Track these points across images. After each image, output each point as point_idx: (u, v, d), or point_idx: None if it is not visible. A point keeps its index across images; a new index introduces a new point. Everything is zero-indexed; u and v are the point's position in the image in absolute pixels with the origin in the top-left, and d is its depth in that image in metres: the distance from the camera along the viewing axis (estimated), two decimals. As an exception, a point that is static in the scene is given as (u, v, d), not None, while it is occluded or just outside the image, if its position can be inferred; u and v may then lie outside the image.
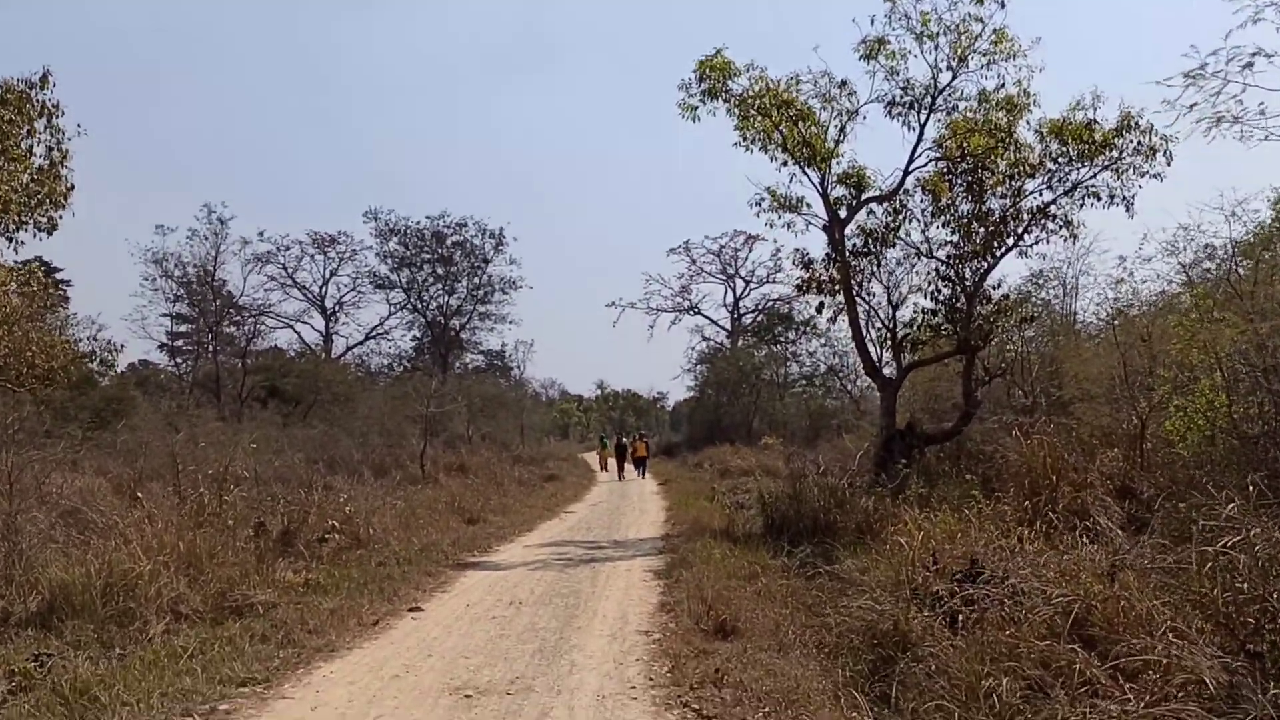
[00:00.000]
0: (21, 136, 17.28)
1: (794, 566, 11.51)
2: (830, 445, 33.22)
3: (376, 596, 10.81)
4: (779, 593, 9.93)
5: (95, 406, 36.28)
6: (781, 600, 9.61)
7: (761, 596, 9.76)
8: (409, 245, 50.57)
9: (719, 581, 10.44)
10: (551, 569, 13.13)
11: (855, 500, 14.23)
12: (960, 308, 17.14)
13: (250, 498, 16.78)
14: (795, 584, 10.38)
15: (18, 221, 17.74)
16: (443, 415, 37.22)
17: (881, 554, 11.23)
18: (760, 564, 11.63)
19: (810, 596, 9.79)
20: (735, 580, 10.65)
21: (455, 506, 19.83)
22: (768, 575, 10.80)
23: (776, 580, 10.49)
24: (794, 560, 12.01)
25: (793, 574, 11.25)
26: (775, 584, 10.28)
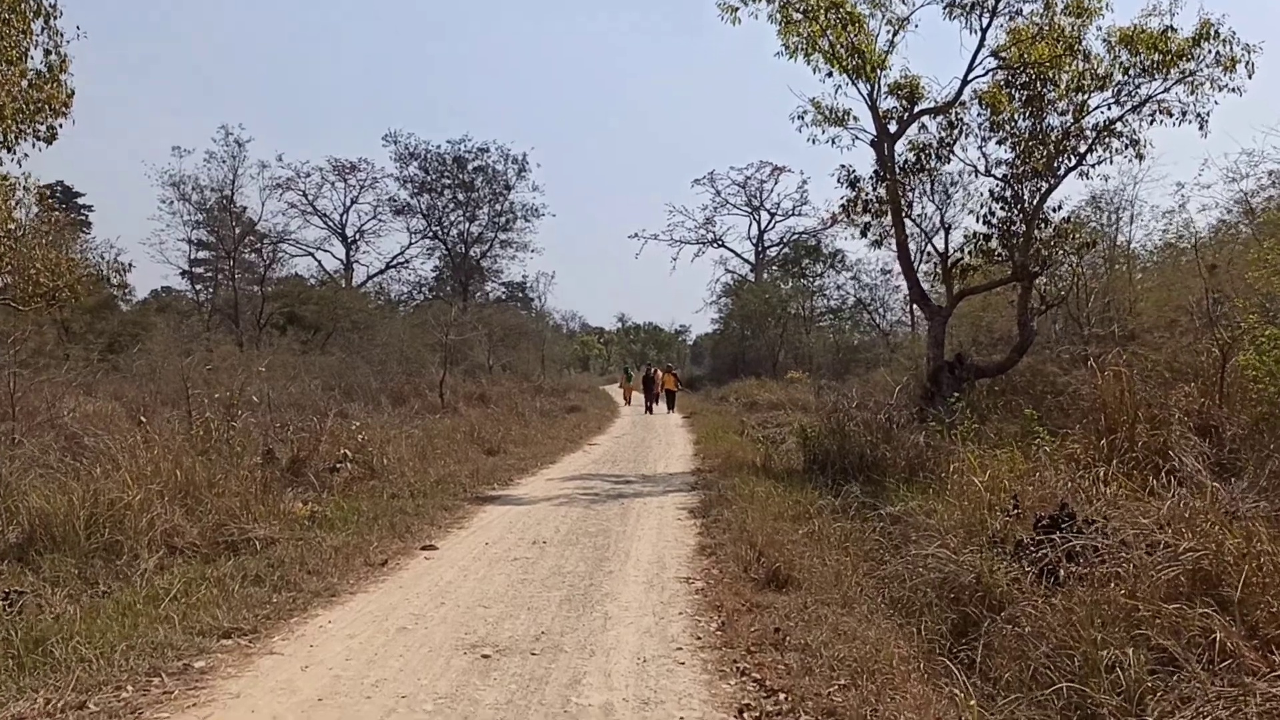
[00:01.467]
0: (17, 38, 16.12)
1: (844, 507, 10.41)
2: (861, 380, 32.10)
3: (387, 533, 9.81)
4: (833, 537, 8.84)
5: (114, 331, 35.72)
6: (837, 546, 8.51)
7: (814, 541, 8.67)
8: (429, 170, 49.05)
9: (765, 523, 9.36)
10: (577, 505, 12.11)
11: (904, 435, 13.13)
12: (1017, 231, 15.83)
13: (262, 424, 15.96)
14: (849, 527, 9.27)
15: (17, 130, 16.64)
16: (463, 344, 36.22)
17: (942, 494, 10.18)
18: (808, 503, 10.54)
19: (869, 542, 8.69)
20: (782, 522, 9.56)
21: (474, 437, 18.83)
22: (818, 516, 9.69)
23: (828, 522, 9.37)
24: (843, 500, 10.93)
25: (844, 515, 10.15)
26: (827, 527, 9.17)
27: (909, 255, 16.29)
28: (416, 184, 49.22)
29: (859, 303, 46.39)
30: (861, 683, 5.12)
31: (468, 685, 5.22)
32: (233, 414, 14.76)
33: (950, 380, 15.66)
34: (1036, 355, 18.50)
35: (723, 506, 10.99)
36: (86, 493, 8.76)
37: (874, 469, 12.54)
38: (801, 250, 53.99)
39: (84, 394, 19.70)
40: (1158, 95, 15.55)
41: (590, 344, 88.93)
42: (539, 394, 34.82)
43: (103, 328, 35.27)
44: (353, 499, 12.03)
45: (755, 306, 47.36)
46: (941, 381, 15.62)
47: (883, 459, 12.62)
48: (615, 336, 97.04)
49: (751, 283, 53.78)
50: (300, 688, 5.19)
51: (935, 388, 15.64)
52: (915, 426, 13.97)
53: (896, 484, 11.60)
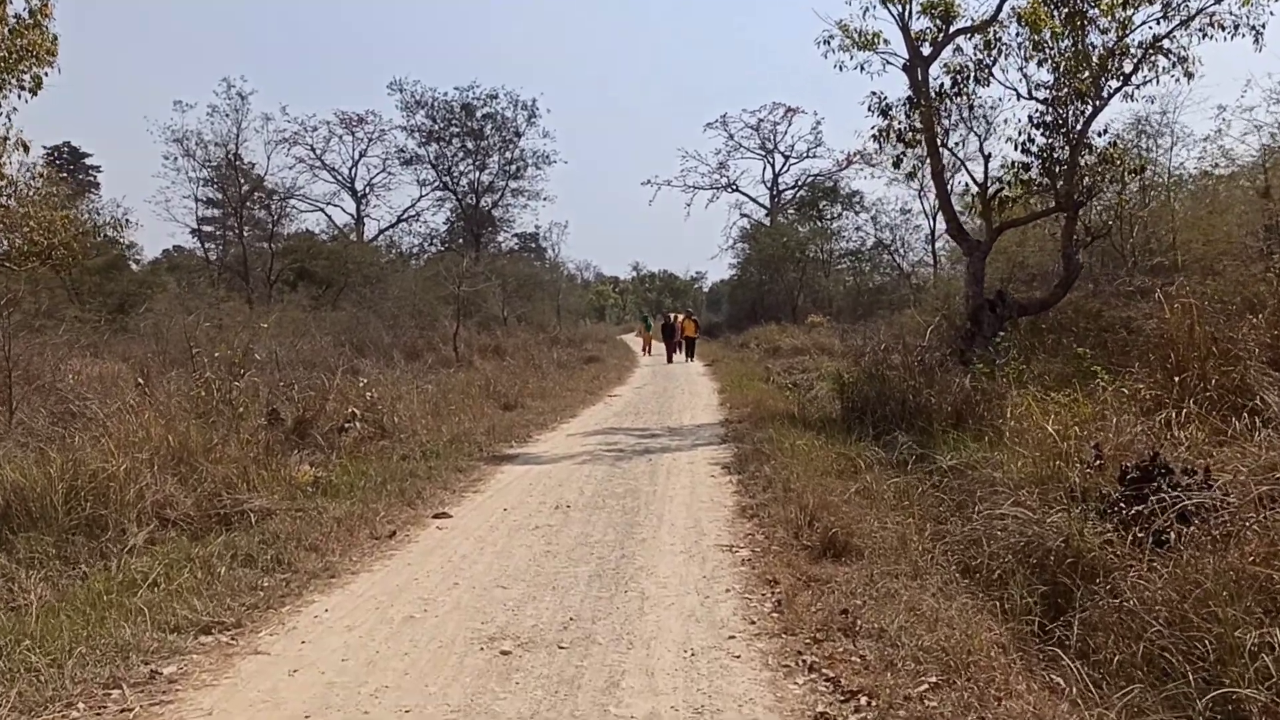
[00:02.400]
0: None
1: (895, 460, 9.49)
2: (886, 322, 31.10)
3: (396, 499, 8.96)
4: (888, 494, 7.92)
5: (124, 291, 35.07)
6: (894, 505, 7.61)
7: (868, 499, 7.76)
8: (437, 118, 47.58)
9: (811, 480, 8.45)
10: (601, 462, 11.24)
11: (948, 379, 12.19)
12: (1060, 158, 14.71)
13: (270, 383, 15.19)
14: (903, 483, 8.35)
15: (0, 80, 15.68)
16: (476, 296, 35.32)
17: (1000, 443, 9.26)
18: (854, 456, 9.62)
19: (927, 499, 7.78)
20: (829, 478, 8.64)
21: (490, 391, 17.96)
22: (868, 471, 8.77)
23: (880, 478, 8.45)
24: (892, 452, 10.01)
25: (894, 469, 9.23)
26: (880, 482, 8.25)
27: (945, 186, 15.23)
28: (424, 133, 47.96)
29: (879, 243, 45.17)
30: (957, 680, 4.23)
31: (484, 692, 4.35)
32: (235, 373, 13.97)
33: (992, 319, 14.65)
34: (1078, 291, 17.47)
35: (760, 461, 10.09)
36: (67, 463, 7.95)
37: (917, 416, 11.62)
38: (819, 192, 52.62)
39: (91, 356, 19.04)
40: (1209, 7, 14.36)
41: (605, 293, 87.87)
42: (555, 345, 33.93)
43: (112, 288, 34.68)
44: (361, 461, 11.22)
45: (773, 250, 46.14)
46: (982, 320, 14.61)
47: (926, 405, 11.68)
48: (630, 285, 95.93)
49: (768, 226, 52.51)
50: (286, 699, 4.33)
51: (976, 327, 14.64)
52: (957, 369, 13.03)
53: (943, 432, 10.71)
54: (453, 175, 48.84)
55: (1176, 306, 10.36)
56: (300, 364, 19.37)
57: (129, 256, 44.29)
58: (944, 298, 26.18)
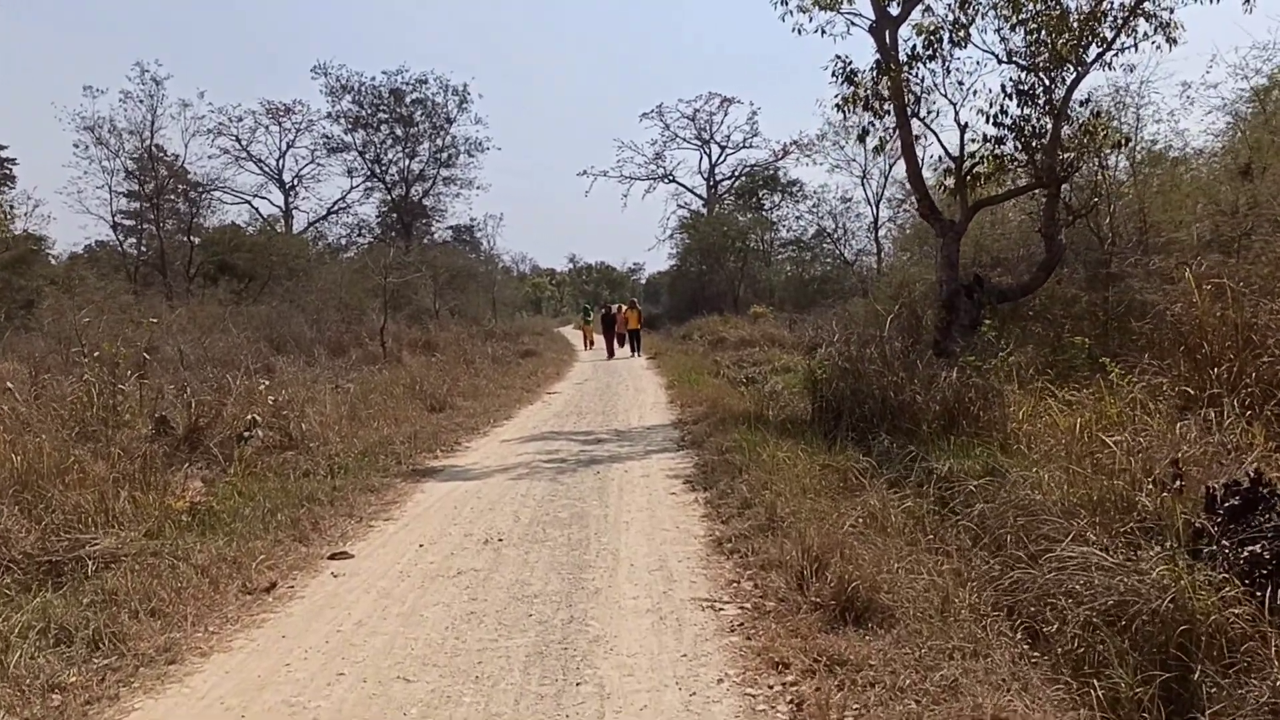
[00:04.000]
0: None
1: (888, 470, 7.87)
2: (833, 312, 29.74)
3: (287, 532, 7.13)
4: (900, 521, 6.28)
5: (34, 287, 32.71)
6: (911, 537, 5.98)
7: (877, 529, 6.11)
8: (364, 104, 44.97)
9: (798, 500, 6.81)
10: (541, 476, 9.47)
11: (933, 374, 10.65)
12: (1040, 129, 13.25)
13: (177, 384, 13.35)
14: (912, 503, 6.71)
15: None
16: (406, 288, 33.22)
17: (1013, 450, 7.75)
18: (839, 466, 7.99)
19: (950, 526, 6.16)
20: (820, 499, 6.99)
21: (416, 390, 16.06)
22: (870, 488, 7.13)
23: (885, 498, 6.79)
24: (884, 463, 8.40)
25: (892, 482, 7.61)
26: (886, 504, 6.59)
27: (916, 160, 13.67)
28: (351, 119, 45.43)
29: (820, 232, 43.88)
30: None
31: None
32: (120, 375, 12.01)
33: (969, 306, 13.17)
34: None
35: (730, 474, 8.41)
36: None
37: (900, 415, 10.06)
38: (758, 180, 51.21)
39: (-11, 356, 17.02)
40: (1195, -33, 13.00)
41: (542, 285, 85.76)
42: (490, 339, 32.00)
43: (22, 284, 32.23)
44: (257, 478, 9.40)
45: (713, 239, 44.58)
46: (959, 308, 13.12)
47: (910, 403, 10.12)
48: (567, 278, 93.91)
49: (708, 216, 50.96)
50: None
51: (951, 315, 13.13)
52: (936, 362, 11.53)
53: (934, 435, 9.19)
54: (381, 163, 46.43)
55: (1205, 290, 8.94)
56: (211, 363, 17.39)
57: (40, 250, 41.68)
58: (898, 285, 24.85)
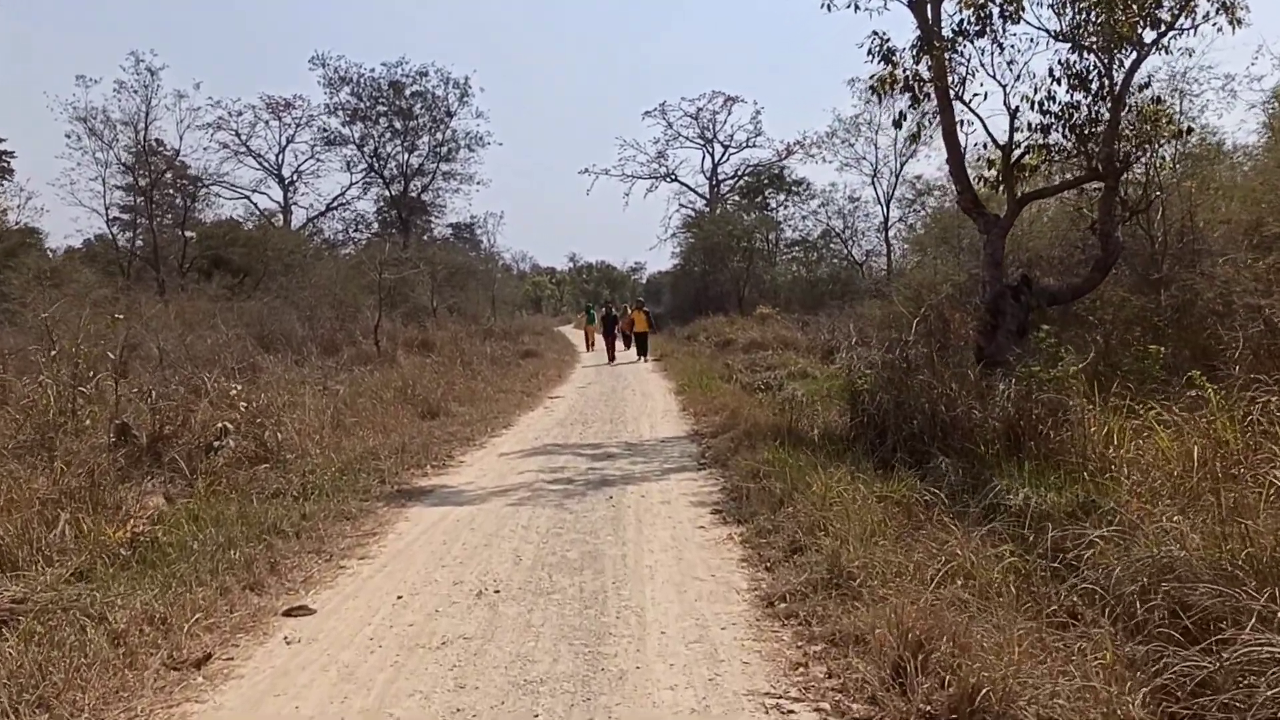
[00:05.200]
0: None
1: (959, 505, 6.53)
2: (847, 313, 28.41)
3: (239, 575, 5.79)
4: (998, 578, 4.92)
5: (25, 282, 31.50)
6: (1019, 601, 4.63)
7: (976, 592, 4.75)
8: (363, 96, 43.35)
9: (865, 546, 5.47)
10: (545, 501, 8.12)
11: (987, 386, 9.35)
12: (1095, 116, 11.92)
13: (152, 384, 12.18)
14: (1006, 554, 5.35)
15: None
16: (403, 285, 31.84)
17: (1110, 483, 6.45)
18: (900, 498, 6.64)
19: (1057, 585, 4.81)
20: (886, 538, 5.65)
21: (409, 394, 14.71)
22: (944, 528, 5.78)
23: (968, 542, 5.42)
24: (944, 487, 7.08)
25: (962, 516, 6.27)
26: (974, 553, 5.23)
27: (959, 147, 12.28)
28: (349, 112, 43.96)
29: (828, 232, 42.52)
30: None
31: None
32: (80, 376, 10.74)
33: (1015, 309, 11.82)
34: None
35: (769, 505, 7.07)
36: None
37: (952, 433, 8.74)
38: (764, 179, 49.81)
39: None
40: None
41: (542, 284, 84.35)
42: (489, 338, 30.63)
43: (14, 279, 31.04)
44: (222, 498, 8.08)
45: (718, 239, 43.16)
46: (1005, 311, 11.76)
47: (964, 420, 8.80)
48: (567, 277, 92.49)
49: (712, 214, 49.56)
50: None
51: (996, 319, 11.78)
52: (988, 372, 10.24)
53: (997, 458, 7.88)
54: (380, 157, 44.90)
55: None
56: (194, 361, 16.07)
57: (36, 243, 40.67)
58: (916, 286, 23.51)
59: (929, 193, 39.17)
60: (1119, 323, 13.64)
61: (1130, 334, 13.24)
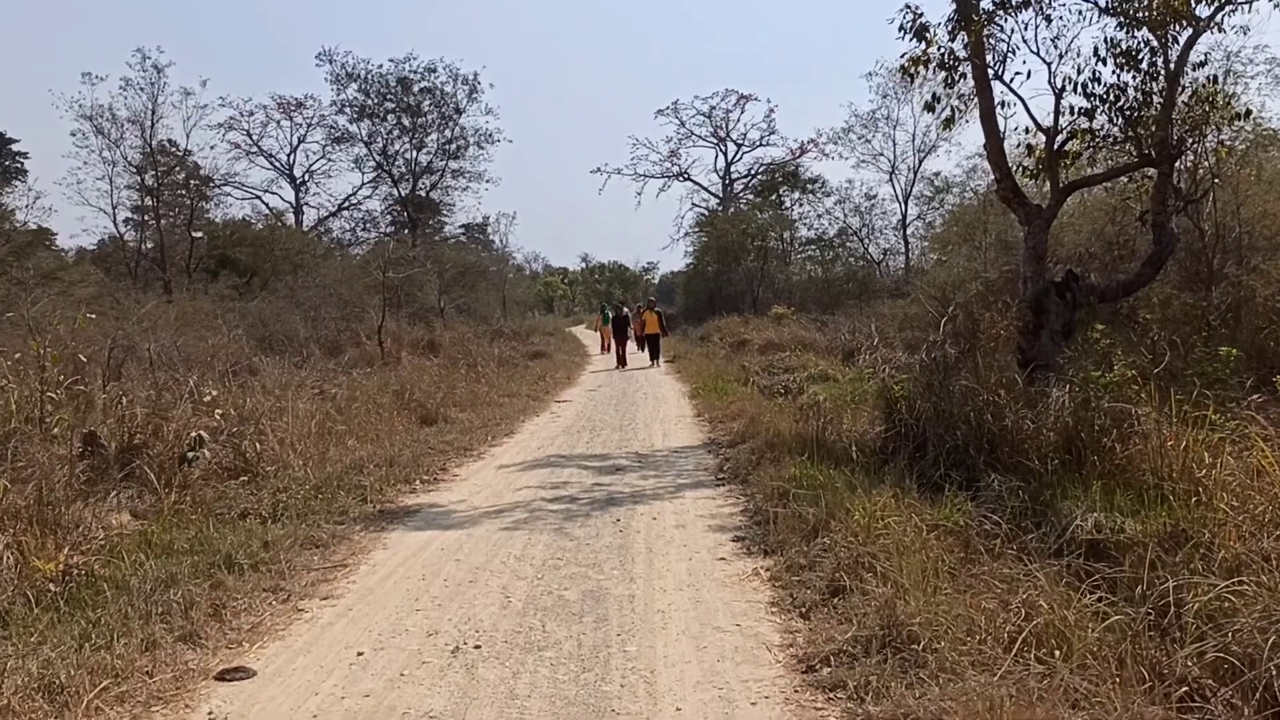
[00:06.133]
0: None
1: (1006, 524, 5.53)
2: (862, 313, 27.37)
3: (172, 626, 4.83)
4: (1094, 639, 3.92)
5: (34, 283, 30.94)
6: (1132, 672, 3.63)
7: (1073, 661, 3.75)
8: (370, 93, 42.42)
9: (924, 592, 4.47)
10: (543, 524, 7.14)
11: (1044, 393, 8.34)
12: (1147, 96, 10.88)
13: (143, 387, 11.44)
14: (1099, 608, 4.35)
15: None
16: (410, 284, 30.94)
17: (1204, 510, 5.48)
18: (952, 525, 5.65)
19: (1170, 647, 3.82)
20: (943, 578, 4.66)
21: (406, 398, 13.76)
22: (991, 552, 4.79)
23: (1049, 588, 4.43)
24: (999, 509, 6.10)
25: (1022, 548, 5.28)
26: (1059, 602, 4.23)
27: (998, 131, 11.21)
28: (356, 108, 43.06)
29: (844, 230, 41.43)
30: None
31: None
32: (51, 381, 9.89)
33: (1060, 308, 10.78)
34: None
35: (800, 533, 6.06)
36: None
37: (1001, 446, 7.74)
38: (778, 177, 48.73)
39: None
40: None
41: (554, 284, 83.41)
42: (498, 339, 29.70)
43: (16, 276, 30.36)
44: (184, 520, 7.17)
45: (732, 237, 42.11)
46: (1049, 310, 10.71)
47: (1015, 431, 7.79)
48: (579, 276, 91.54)
49: (726, 214, 48.52)
50: None
51: (1039, 319, 10.74)
52: (1021, 374, 9.24)
53: (1056, 475, 6.91)
54: (388, 155, 43.98)
55: None
56: (186, 364, 15.17)
57: (48, 243, 40.28)
58: (940, 285, 22.45)
59: (948, 189, 38.12)
60: (1167, 322, 12.63)
61: (1180, 334, 12.23)
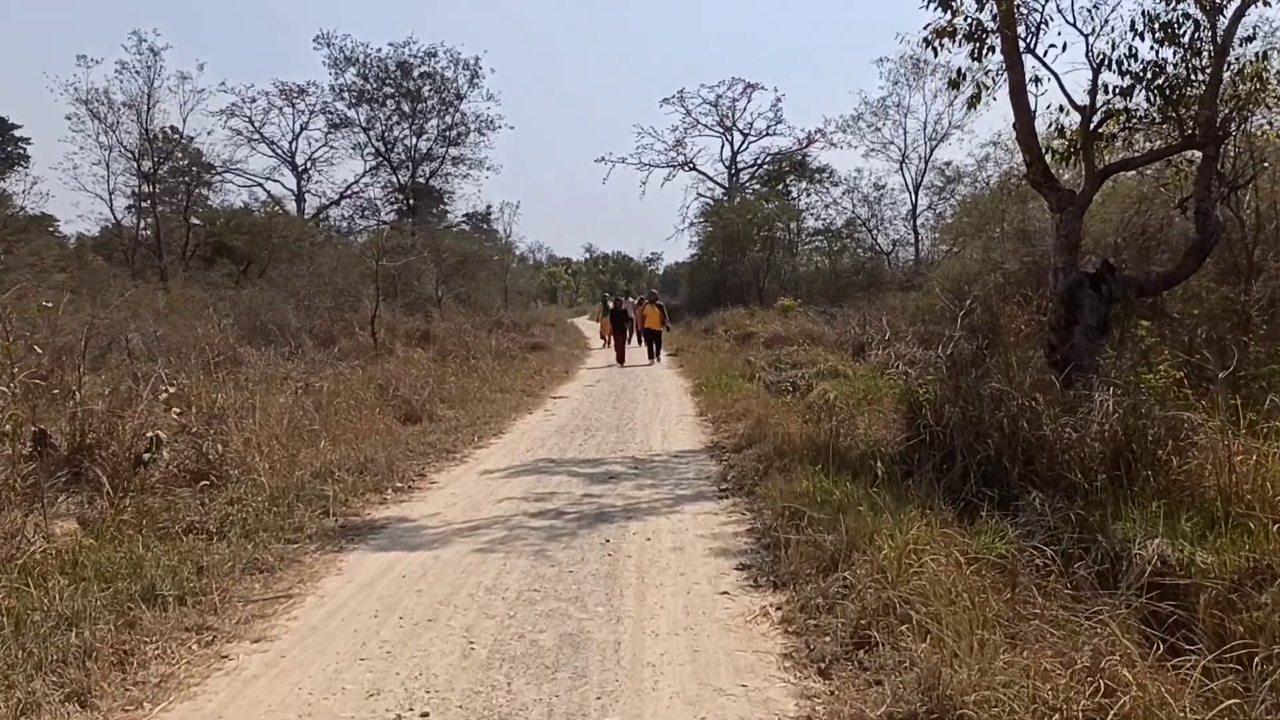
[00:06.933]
0: None
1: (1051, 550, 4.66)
2: (871, 305, 26.45)
3: (63, 680, 3.98)
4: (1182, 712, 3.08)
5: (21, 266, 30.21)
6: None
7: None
8: (369, 77, 41.58)
9: (973, 651, 3.61)
10: (522, 546, 6.25)
11: (1085, 398, 7.48)
12: (1190, 73, 9.98)
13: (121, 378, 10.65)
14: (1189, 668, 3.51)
15: None
16: (407, 273, 30.07)
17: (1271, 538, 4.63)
18: (998, 555, 4.78)
19: None
20: (991, 628, 3.79)
21: (391, 394, 12.90)
22: (1047, 593, 3.93)
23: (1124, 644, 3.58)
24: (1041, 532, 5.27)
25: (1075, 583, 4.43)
26: (1151, 671, 3.39)
27: (1028, 109, 10.27)
28: (355, 93, 42.14)
29: (852, 220, 40.45)
30: None
31: None
32: (1, 374, 9.00)
33: (1095, 302, 9.88)
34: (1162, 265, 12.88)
35: (816, 565, 5.20)
36: None
37: (1038, 457, 6.87)
38: (785, 166, 47.73)
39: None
40: None
41: (558, 275, 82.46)
42: (496, 330, 28.79)
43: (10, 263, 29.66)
44: (122, 535, 6.34)
45: (738, 227, 41.15)
46: (1082, 304, 9.82)
47: (1054, 441, 6.92)
48: (583, 267, 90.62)
49: (732, 203, 47.56)
50: None
51: (1071, 313, 9.84)
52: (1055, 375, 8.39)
53: (1106, 493, 6.08)
54: (387, 141, 43.06)
55: None
56: (170, 354, 14.38)
57: (53, 230, 39.87)
58: (954, 278, 21.54)
59: (959, 180, 37.18)
60: (1203, 317, 11.77)
61: (1218, 330, 11.37)
